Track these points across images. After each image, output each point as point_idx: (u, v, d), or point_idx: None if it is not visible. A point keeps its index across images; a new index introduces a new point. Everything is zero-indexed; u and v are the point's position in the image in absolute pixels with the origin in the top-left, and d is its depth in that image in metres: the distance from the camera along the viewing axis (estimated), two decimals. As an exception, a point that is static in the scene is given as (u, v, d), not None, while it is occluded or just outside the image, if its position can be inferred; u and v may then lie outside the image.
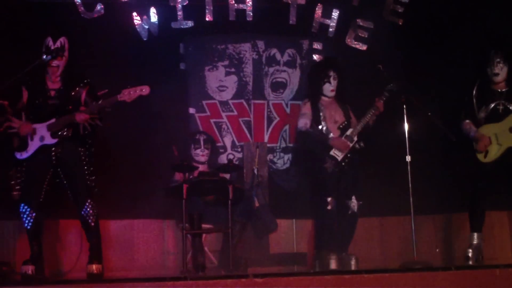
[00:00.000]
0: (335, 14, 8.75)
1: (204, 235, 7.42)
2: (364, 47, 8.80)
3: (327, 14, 8.76)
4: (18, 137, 6.62)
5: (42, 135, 6.53)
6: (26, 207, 6.49)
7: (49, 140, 6.52)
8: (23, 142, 6.60)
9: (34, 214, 6.47)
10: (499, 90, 7.28)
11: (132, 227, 8.02)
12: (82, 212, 6.50)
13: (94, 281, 6.12)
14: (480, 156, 7.24)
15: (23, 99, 6.69)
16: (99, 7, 8.29)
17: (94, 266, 6.40)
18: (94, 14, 8.29)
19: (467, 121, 7.37)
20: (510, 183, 7.25)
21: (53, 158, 6.54)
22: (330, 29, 8.77)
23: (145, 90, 6.31)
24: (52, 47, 6.65)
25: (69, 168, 6.57)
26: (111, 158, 7.57)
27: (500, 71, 7.25)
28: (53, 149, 6.54)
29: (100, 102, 6.52)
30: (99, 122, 6.59)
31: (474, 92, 7.34)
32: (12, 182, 6.64)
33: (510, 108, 7.19)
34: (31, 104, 6.66)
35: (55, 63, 6.64)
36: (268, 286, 5.75)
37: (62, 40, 6.71)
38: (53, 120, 6.53)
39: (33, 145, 6.56)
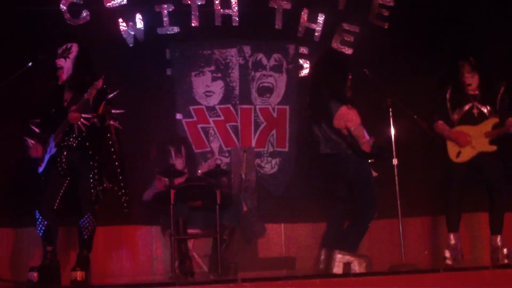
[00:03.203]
0: (321, 18, 8.78)
1: (192, 240, 7.42)
2: (350, 51, 8.83)
3: (313, 19, 8.79)
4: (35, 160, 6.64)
5: (51, 147, 6.54)
6: (38, 214, 6.48)
7: (53, 151, 6.51)
8: (43, 157, 6.61)
9: (45, 222, 6.45)
10: (472, 93, 7.37)
11: (120, 233, 8.00)
12: (80, 222, 6.48)
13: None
14: (452, 156, 7.31)
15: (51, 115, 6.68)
16: (84, 13, 8.31)
17: (78, 273, 6.31)
18: (80, 20, 8.32)
19: (441, 122, 7.42)
20: (486, 184, 7.30)
21: (59, 168, 6.53)
22: (316, 34, 8.81)
23: (97, 83, 6.32)
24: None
25: (76, 178, 6.54)
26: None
27: (471, 80, 7.37)
28: (58, 159, 6.52)
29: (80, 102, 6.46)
30: (98, 122, 6.47)
31: (447, 95, 7.43)
32: None
33: (484, 111, 7.30)
34: (52, 117, 6.64)
35: (58, 64, 6.60)
36: (257, 290, 5.74)
37: (69, 44, 6.68)
38: (57, 130, 6.53)
39: (46, 157, 6.58)
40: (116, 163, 6.61)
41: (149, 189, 7.73)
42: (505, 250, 7.08)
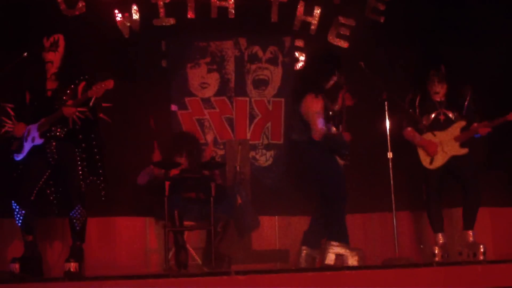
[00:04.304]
0: (317, 11, 8.77)
1: (186, 232, 7.42)
2: (345, 45, 8.82)
3: (309, 12, 8.78)
4: (16, 139, 6.62)
5: (33, 136, 6.52)
6: (15, 204, 6.48)
7: (38, 141, 6.50)
8: (21, 144, 6.60)
9: (23, 212, 6.45)
10: (439, 100, 7.52)
11: (113, 225, 7.99)
12: (71, 214, 6.50)
13: (74, 279, 6.10)
14: (426, 163, 7.47)
15: (26, 103, 6.69)
16: (80, 4, 8.27)
17: (71, 264, 6.36)
18: (76, 11, 8.29)
19: (410, 128, 7.56)
20: (462, 182, 7.45)
21: (50, 159, 6.52)
22: (312, 27, 8.80)
23: (108, 83, 6.33)
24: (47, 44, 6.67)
25: (64, 169, 6.56)
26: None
27: (439, 89, 7.51)
28: (47, 150, 6.52)
29: (80, 97, 6.49)
30: (91, 115, 6.51)
31: (416, 102, 7.56)
32: None
33: (450, 116, 7.46)
34: (30, 105, 6.65)
35: (48, 58, 6.62)
36: (250, 283, 5.74)
37: (56, 36, 6.70)
38: (42, 120, 6.51)
39: (26, 147, 6.57)
40: (97, 157, 6.66)
41: (145, 173, 7.71)
42: (481, 247, 7.13)
